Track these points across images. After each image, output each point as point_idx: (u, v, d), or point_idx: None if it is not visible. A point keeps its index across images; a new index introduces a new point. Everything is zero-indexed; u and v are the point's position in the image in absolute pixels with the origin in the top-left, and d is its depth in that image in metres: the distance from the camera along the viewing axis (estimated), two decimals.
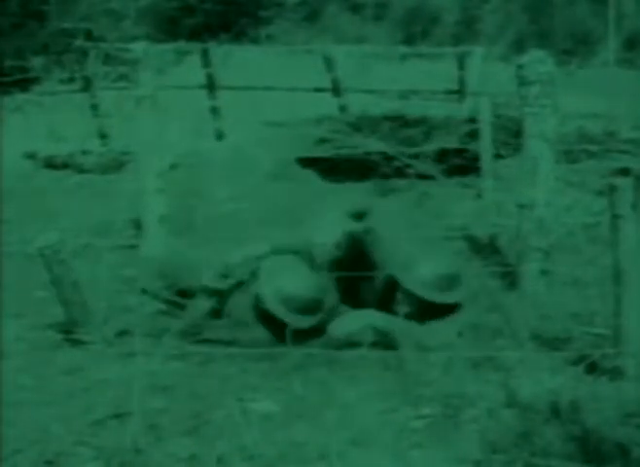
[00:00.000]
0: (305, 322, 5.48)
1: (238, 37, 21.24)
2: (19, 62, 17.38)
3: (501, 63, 15.42)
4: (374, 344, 5.33)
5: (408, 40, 22.45)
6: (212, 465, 3.96)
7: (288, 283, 5.52)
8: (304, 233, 6.01)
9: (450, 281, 5.58)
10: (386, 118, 12.34)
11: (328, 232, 5.92)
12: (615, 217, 4.71)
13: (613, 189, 4.70)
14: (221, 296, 5.74)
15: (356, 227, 5.99)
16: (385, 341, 5.31)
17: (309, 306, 5.50)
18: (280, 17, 23.78)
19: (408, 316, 5.53)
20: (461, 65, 13.29)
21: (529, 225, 6.41)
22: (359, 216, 6.00)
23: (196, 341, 5.58)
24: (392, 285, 5.62)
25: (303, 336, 5.43)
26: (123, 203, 8.57)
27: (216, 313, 5.78)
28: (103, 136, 13.25)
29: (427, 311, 5.52)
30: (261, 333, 5.54)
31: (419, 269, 5.55)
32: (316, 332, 5.50)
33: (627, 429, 4.06)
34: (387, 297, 5.64)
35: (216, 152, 11.61)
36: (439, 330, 5.43)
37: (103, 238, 7.97)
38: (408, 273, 5.54)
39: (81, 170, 11.59)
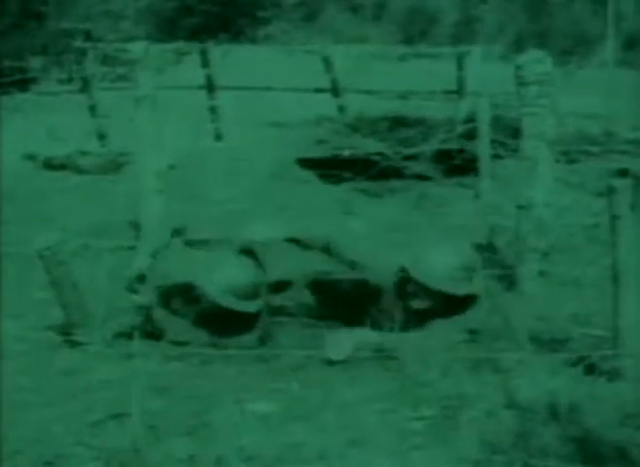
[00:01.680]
0: (252, 307, 5.50)
1: (237, 37, 21.25)
2: (18, 62, 17.39)
3: (500, 63, 15.42)
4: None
5: (407, 40, 22.45)
6: (211, 466, 3.96)
7: (227, 273, 5.52)
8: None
9: (465, 273, 5.53)
10: (385, 118, 12.37)
11: None
12: (614, 218, 4.71)
13: (612, 189, 4.70)
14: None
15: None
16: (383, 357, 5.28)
17: (251, 292, 5.50)
18: (279, 17, 23.78)
19: (426, 312, 5.49)
20: (460, 65, 13.29)
21: (528, 225, 6.41)
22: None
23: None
24: (404, 280, 5.58)
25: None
26: (121, 204, 8.57)
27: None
28: (102, 137, 13.25)
29: (443, 305, 5.48)
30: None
31: (432, 261, 5.52)
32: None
33: (626, 430, 4.07)
34: (401, 292, 5.59)
35: (215, 152, 11.61)
36: (439, 337, 5.39)
37: (102, 239, 7.97)
38: (421, 266, 5.49)
39: (79, 171, 11.59)
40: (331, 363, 5.15)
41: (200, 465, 3.99)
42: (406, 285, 5.55)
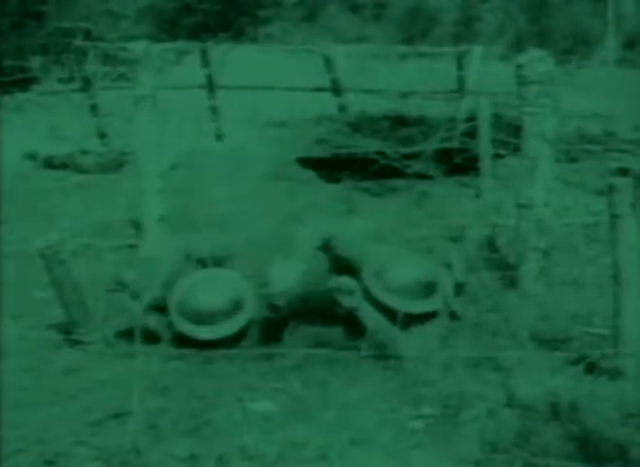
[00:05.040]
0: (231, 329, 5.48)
1: (237, 37, 21.24)
2: (19, 62, 17.36)
3: (500, 63, 15.43)
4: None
5: (408, 40, 22.44)
6: (212, 465, 3.97)
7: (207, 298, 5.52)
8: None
9: (424, 289, 5.50)
10: (385, 117, 12.36)
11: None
12: (614, 217, 4.71)
13: (612, 189, 4.71)
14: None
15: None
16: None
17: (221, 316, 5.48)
18: (279, 16, 23.76)
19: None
20: (460, 65, 13.29)
21: (528, 224, 6.42)
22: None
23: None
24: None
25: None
26: (122, 203, 8.57)
27: None
28: (103, 136, 13.23)
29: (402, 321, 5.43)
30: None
31: (389, 277, 5.49)
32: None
33: (627, 429, 4.07)
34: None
35: (215, 152, 11.60)
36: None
37: (103, 238, 7.98)
38: (378, 281, 5.46)
39: (80, 170, 11.58)
40: (332, 361, 5.15)
41: (201, 464, 3.99)
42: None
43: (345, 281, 5.40)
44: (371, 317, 5.35)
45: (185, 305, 5.46)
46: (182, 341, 5.48)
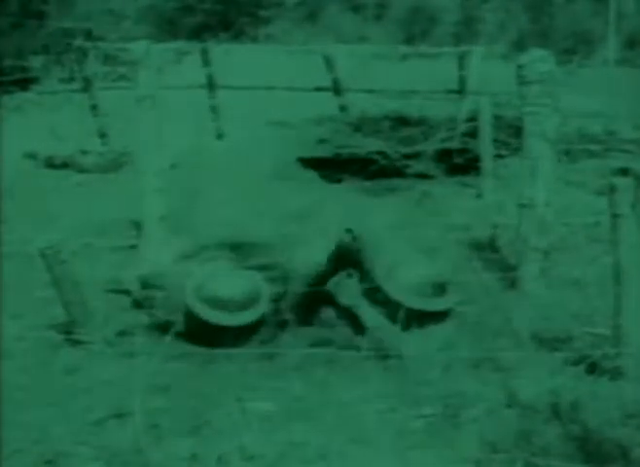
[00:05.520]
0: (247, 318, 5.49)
1: (238, 36, 21.25)
2: (19, 62, 17.36)
3: (501, 63, 15.41)
4: None
5: (409, 40, 22.44)
6: (212, 465, 3.97)
7: (215, 284, 5.53)
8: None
9: (436, 289, 5.53)
10: (386, 117, 12.35)
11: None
12: (615, 217, 4.71)
13: (613, 188, 4.71)
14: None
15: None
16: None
17: (239, 305, 5.50)
18: (280, 16, 23.76)
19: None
20: (461, 65, 13.26)
21: (529, 224, 6.41)
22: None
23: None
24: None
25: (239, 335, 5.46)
26: (122, 203, 8.57)
27: None
28: (103, 136, 13.22)
29: (411, 319, 5.45)
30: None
31: (402, 275, 5.51)
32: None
33: (628, 429, 4.06)
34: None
35: (216, 151, 11.60)
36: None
37: (103, 238, 7.97)
38: (391, 279, 5.49)
39: (81, 170, 11.59)
40: (332, 361, 5.14)
41: (202, 464, 3.99)
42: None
43: (344, 280, 5.44)
44: (370, 316, 5.36)
45: (205, 291, 5.49)
46: (193, 330, 5.48)
